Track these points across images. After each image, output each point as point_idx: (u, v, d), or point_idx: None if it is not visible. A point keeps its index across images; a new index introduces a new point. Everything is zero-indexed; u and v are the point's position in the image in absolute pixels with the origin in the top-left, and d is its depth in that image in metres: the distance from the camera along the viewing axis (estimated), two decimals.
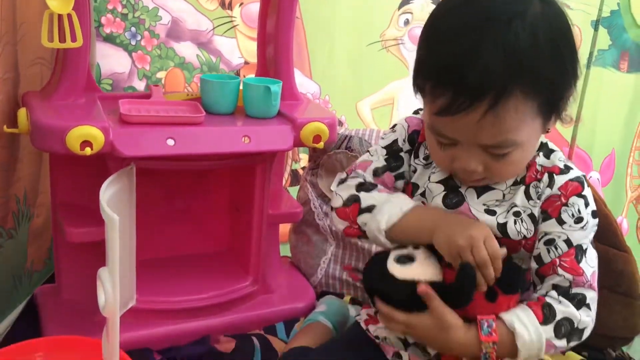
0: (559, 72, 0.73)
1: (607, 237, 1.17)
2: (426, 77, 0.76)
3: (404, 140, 0.88)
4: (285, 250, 1.38)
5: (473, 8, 0.73)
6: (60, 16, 0.89)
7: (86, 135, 0.89)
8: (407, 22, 1.53)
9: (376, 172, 0.88)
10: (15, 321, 1.09)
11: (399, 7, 1.52)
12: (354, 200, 0.84)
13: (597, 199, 1.18)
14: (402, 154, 0.89)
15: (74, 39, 0.91)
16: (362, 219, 0.84)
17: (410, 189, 0.88)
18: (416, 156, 0.88)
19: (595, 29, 1.72)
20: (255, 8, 1.26)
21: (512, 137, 0.73)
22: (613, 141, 1.84)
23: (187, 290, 1.11)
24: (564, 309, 0.77)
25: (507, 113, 0.71)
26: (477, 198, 0.83)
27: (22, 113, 0.95)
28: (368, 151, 0.92)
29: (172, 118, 0.97)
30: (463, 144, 0.76)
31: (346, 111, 1.45)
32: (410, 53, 1.52)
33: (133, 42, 1.31)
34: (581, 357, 1.11)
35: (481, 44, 0.69)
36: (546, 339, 0.76)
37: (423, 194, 0.86)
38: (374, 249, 1.29)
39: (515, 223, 0.81)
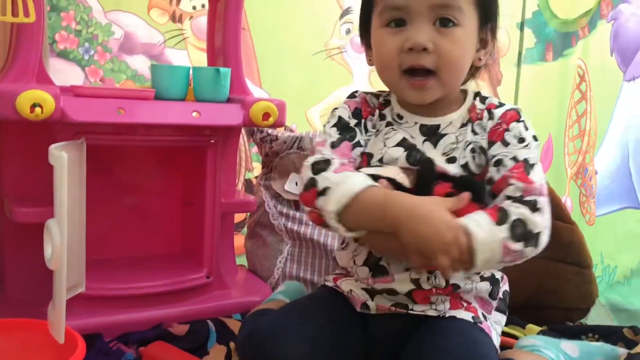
0: None
1: (553, 211, 1.21)
2: None
3: (349, 117, 0.90)
4: (241, 262, 1.36)
5: None
6: None
7: (37, 98, 0.90)
8: (348, 32, 1.64)
9: (333, 145, 0.87)
10: None
11: (340, 17, 1.64)
12: (311, 184, 0.81)
13: None
14: (351, 126, 0.89)
15: (26, 14, 0.94)
16: (319, 202, 0.80)
17: (365, 159, 0.88)
18: (366, 131, 0.90)
19: (521, 30, 1.89)
20: (205, 21, 1.32)
21: (456, 2, 0.82)
22: (549, 127, 1.94)
23: (139, 278, 1.08)
24: (517, 210, 0.76)
25: None
26: (435, 148, 0.86)
27: None
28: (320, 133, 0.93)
29: (123, 92, 1.00)
30: (413, 19, 0.82)
31: (296, 119, 1.50)
32: (353, 60, 1.62)
33: (86, 57, 1.35)
34: (541, 328, 1.11)
35: None
36: (502, 240, 0.75)
37: (381, 160, 0.86)
38: (330, 243, 1.29)
39: (474, 159, 0.85)
